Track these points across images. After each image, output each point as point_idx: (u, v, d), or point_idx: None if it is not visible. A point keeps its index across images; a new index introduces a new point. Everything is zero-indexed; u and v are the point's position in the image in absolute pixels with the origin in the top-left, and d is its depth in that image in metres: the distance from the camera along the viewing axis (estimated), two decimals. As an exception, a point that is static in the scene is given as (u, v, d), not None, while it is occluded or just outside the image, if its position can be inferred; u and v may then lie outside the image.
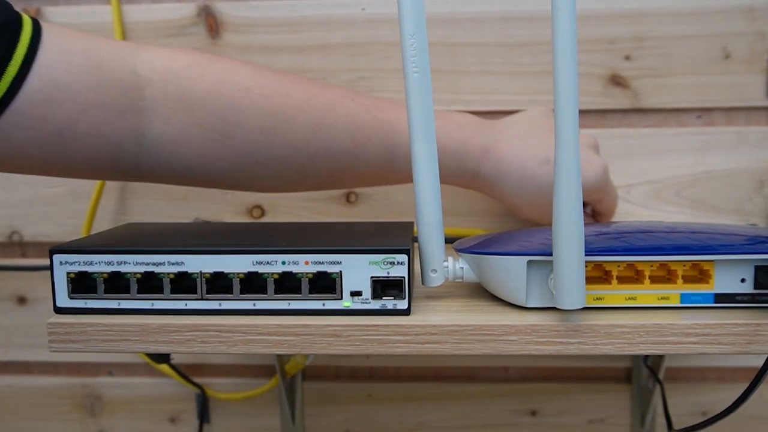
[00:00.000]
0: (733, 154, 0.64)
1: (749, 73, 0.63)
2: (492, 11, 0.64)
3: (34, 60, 0.40)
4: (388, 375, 0.71)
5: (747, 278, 0.38)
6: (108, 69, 0.43)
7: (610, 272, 0.39)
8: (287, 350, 0.39)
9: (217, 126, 0.45)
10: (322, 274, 0.39)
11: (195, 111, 0.45)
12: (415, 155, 0.39)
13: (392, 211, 0.67)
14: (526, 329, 0.38)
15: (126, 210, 0.69)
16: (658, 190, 0.65)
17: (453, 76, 0.65)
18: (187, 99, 0.44)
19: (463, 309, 0.40)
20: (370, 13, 0.65)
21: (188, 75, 0.45)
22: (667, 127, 0.65)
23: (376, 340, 0.38)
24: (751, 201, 0.65)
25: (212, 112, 0.45)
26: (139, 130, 0.44)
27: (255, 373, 0.72)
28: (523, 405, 0.70)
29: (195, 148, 0.45)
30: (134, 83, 0.44)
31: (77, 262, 0.40)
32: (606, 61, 0.64)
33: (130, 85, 0.43)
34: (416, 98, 0.39)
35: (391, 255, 0.39)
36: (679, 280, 0.39)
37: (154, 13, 0.66)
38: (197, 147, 0.45)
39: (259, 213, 0.68)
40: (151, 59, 0.45)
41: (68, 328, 0.39)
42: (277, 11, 0.65)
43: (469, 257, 0.41)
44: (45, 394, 0.73)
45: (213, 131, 0.45)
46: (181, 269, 0.40)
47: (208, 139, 0.45)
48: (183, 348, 0.39)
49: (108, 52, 0.43)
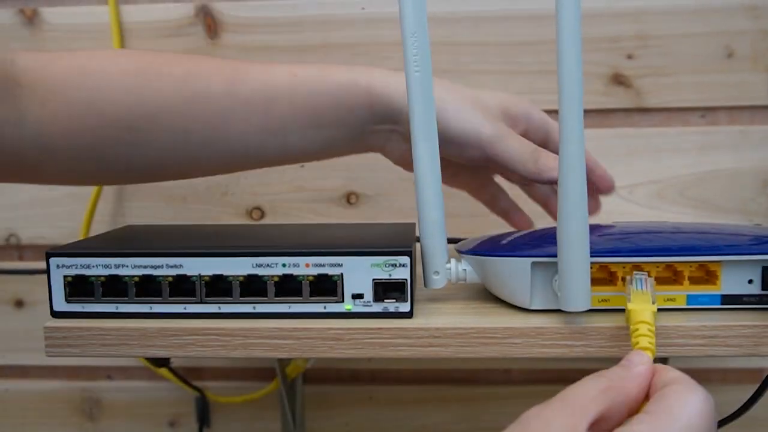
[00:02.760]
0: (737, 153, 0.64)
1: (753, 71, 0.63)
2: (493, 10, 0.64)
3: None
4: (390, 377, 0.70)
5: (754, 279, 0.38)
6: None
7: (615, 273, 0.38)
8: (288, 354, 0.38)
9: (86, 97, 0.45)
10: (323, 277, 0.39)
11: (67, 88, 0.44)
12: (417, 154, 0.39)
13: (393, 213, 0.66)
14: (531, 332, 0.37)
15: (124, 212, 0.68)
16: (661, 189, 0.65)
17: (454, 75, 0.64)
18: (60, 78, 0.45)
19: (466, 311, 0.40)
20: (371, 12, 0.64)
21: (60, 57, 0.46)
22: (670, 127, 0.64)
23: (379, 343, 0.37)
24: (755, 200, 0.64)
25: (81, 84, 0.45)
26: (19, 115, 0.44)
27: (255, 376, 0.71)
28: (526, 407, 0.69)
29: (70, 125, 0.45)
30: (11, 72, 0.44)
31: (74, 266, 0.39)
32: (608, 59, 0.63)
33: (8, 74, 0.44)
34: (418, 97, 0.38)
35: (392, 257, 0.38)
36: (686, 281, 0.38)
37: (151, 13, 0.66)
38: (73, 124, 0.45)
39: (258, 215, 0.68)
40: (28, 55, 0.46)
41: (65, 333, 0.39)
42: (277, 11, 0.65)
43: (471, 259, 0.41)
44: (43, 398, 0.73)
45: (82, 103, 0.45)
46: (179, 272, 0.39)
47: (81, 114, 0.45)
48: (182, 352, 0.38)
49: None
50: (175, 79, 0.46)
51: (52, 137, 0.45)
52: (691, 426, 0.28)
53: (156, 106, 0.45)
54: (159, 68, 0.46)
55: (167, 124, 0.46)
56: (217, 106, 0.46)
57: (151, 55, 0.48)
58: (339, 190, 0.67)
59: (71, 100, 0.45)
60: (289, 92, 0.46)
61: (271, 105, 0.46)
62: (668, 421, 0.28)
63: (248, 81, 0.46)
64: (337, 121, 0.47)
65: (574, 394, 0.30)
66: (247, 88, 0.46)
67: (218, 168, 0.49)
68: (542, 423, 0.29)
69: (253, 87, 0.46)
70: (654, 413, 0.28)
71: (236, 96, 0.46)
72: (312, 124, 0.47)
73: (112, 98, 0.45)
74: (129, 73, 0.45)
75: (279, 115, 0.46)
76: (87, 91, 0.45)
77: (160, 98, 0.45)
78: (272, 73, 0.47)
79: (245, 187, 0.67)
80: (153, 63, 0.46)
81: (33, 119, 0.44)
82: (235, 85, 0.46)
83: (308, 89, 0.46)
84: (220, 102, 0.46)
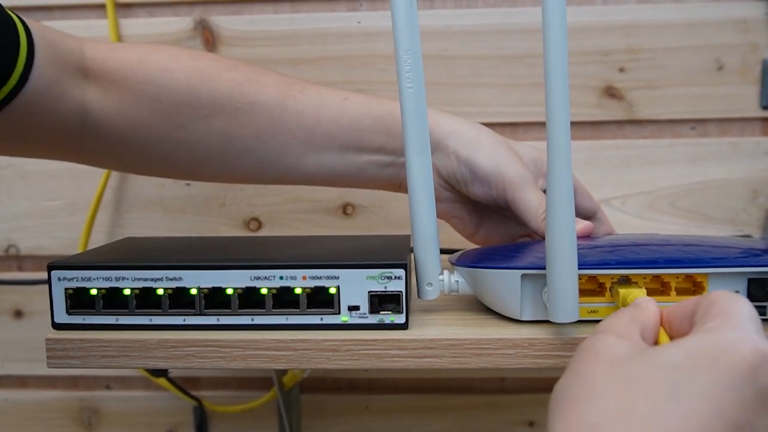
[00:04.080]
0: (727, 164, 0.65)
1: (742, 84, 0.64)
2: (486, 24, 0.65)
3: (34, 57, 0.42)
4: (386, 387, 0.71)
5: (740, 291, 0.38)
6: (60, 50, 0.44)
7: (604, 285, 0.39)
8: (285, 365, 0.39)
9: (148, 90, 0.46)
10: (320, 289, 0.39)
11: (129, 80, 0.46)
12: (410, 169, 0.39)
13: (389, 224, 0.67)
14: (524, 343, 0.38)
15: (123, 223, 0.69)
16: (653, 200, 0.66)
17: (448, 89, 0.65)
18: (122, 69, 0.46)
19: (460, 322, 0.40)
20: (366, 26, 0.65)
21: (124, 48, 0.47)
22: (661, 138, 0.65)
23: (374, 354, 0.38)
24: (745, 211, 0.65)
25: (143, 78, 0.46)
26: (84, 105, 0.45)
27: (252, 385, 0.72)
28: (521, 416, 0.70)
29: (128, 117, 0.46)
30: (81, 61, 0.45)
31: (75, 278, 0.40)
32: (601, 73, 0.64)
33: (80, 64, 0.45)
34: (411, 113, 0.39)
35: (388, 270, 0.39)
36: (673, 293, 0.39)
37: (150, 26, 0.66)
38: (130, 116, 0.46)
39: (256, 225, 0.68)
40: (94, 44, 0.47)
41: (66, 344, 0.39)
42: (274, 24, 0.66)
43: (464, 271, 0.41)
44: (42, 408, 0.73)
45: (144, 98, 0.46)
46: (179, 285, 0.40)
47: (139, 107, 0.46)
48: (181, 363, 0.39)
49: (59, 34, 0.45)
50: (230, 83, 0.47)
51: (110, 126, 0.46)
52: (752, 316, 0.28)
53: (208, 107, 0.47)
54: (218, 71, 0.47)
55: (216, 127, 0.47)
56: (267, 116, 0.47)
57: (211, 57, 0.49)
58: (335, 201, 0.68)
59: (128, 93, 0.46)
60: (337, 112, 0.48)
61: (318, 122, 0.48)
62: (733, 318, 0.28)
63: (302, 96, 0.48)
64: (376, 146, 0.48)
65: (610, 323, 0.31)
66: (299, 102, 0.48)
67: (254, 176, 0.50)
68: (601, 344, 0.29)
69: (305, 102, 0.48)
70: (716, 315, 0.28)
71: (287, 108, 0.47)
72: (352, 146, 0.48)
73: (168, 95, 0.46)
74: (187, 72, 0.46)
75: (323, 132, 0.48)
76: (144, 85, 0.46)
77: (214, 100, 0.47)
78: (325, 94, 0.49)
79: (242, 198, 0.68)
80: (212, 65, 0.47)
81: (95, 108, 0.45)
82: (288, 98, 0.48)
83: (355, 111, 0.48)
84: (271, 112, 0.47)
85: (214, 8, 0.66)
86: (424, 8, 0.65)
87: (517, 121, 0.64)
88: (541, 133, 0.60)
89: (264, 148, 0.48)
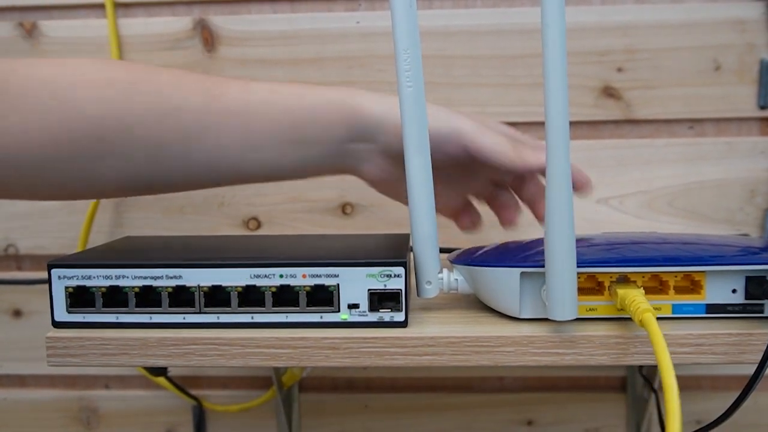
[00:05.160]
0: (724, 164, 0.65)
1: (740, 84, 0.64)
2: (485, 24, 0.65)
3: None
4: (385, 386, 0.71)
5: (738, 289, 0.39)
6: None
7: (602, 283, 0.39)
8: (285, 363, 0.39)
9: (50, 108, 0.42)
10: (320, 287, 0.39)
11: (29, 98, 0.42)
12: (410, 168, 0.40)
13: (388, 223, 0.67)
14: (523, 340, 0.38)
15: (122, 223, 0.69)
16: (651, 200, 0.66)
17: (447, 89, 0.65)
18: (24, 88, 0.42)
19: (459, 320, 0.41)
20: (365, 26, 0.65)
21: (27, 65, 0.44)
22: (658, 138, 0.66)
23: (374, 352, 0.38)
24: (742, 210, 0.66)
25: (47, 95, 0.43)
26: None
27: (251, 384, 0.72)
28: (520, 415, 0.70)
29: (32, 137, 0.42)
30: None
31: (75, 277, 0.40)
32: (598, 73, 0.65)
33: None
34: (410, 113, 0.39)
35: (387, 268, 0.39)
36: (671, 291, 0.39)
37: (150, 26, 0.66)
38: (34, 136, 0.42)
39: (255, 225, 0.68)
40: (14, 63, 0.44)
41: (66, 343, 0.39)
42: (273, 24, 0.66)
43: (463, 269, 0.41)
44: (41, 407, 0.73)
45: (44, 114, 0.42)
46: (179, 283, 0.40)
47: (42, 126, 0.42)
48: (181, 361, 0.39)
49: None
50: (150, 90, 0.45)
51: (17, 150, 0.42)
52: None
53: (129, 117, 0.44)
54: (133, 80, 0.45)
55: (141, 136, 0.44)
56: (194, 119, 0.45)
57: (127, 65, 0.47)
58: (334, 200, 0.68)
59: (33, 112, 0.42)
60: (268, 108, 0.46)
61: (250, 120, 0.46)
62: None
63: (227, 95, 0.46)
64: (314, 137, 0.47)
65: None
66: (225, 102, 0.46)
67: (195, 182, 0.48)
68: None
69: (231, 101, 0.46)
70: None
71: (214, 110, 0.46)
72: (289, 140, 0.47)
73: (81, 109, 0.43)
74: (100, 83, 0.44)
75: (258, 129, 0.46)
76: (51, 102, 0.42)
77: (134, 110, 0.44)
78: (252, 89, 0.47)
79: (242, 197, 0.68)
80: (128, 74, 0.45)
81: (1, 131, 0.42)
82: (214, 99, 0.46)
83: (286, 105, 0.46)
84: (198, 115, 0.45)
85: (213, 8, 0.66)
86: (423, 8, 0.65)
87: (515, 120, 0.64)
88: (539, 132, 0.60)
89: (198, 151, 0.46)
